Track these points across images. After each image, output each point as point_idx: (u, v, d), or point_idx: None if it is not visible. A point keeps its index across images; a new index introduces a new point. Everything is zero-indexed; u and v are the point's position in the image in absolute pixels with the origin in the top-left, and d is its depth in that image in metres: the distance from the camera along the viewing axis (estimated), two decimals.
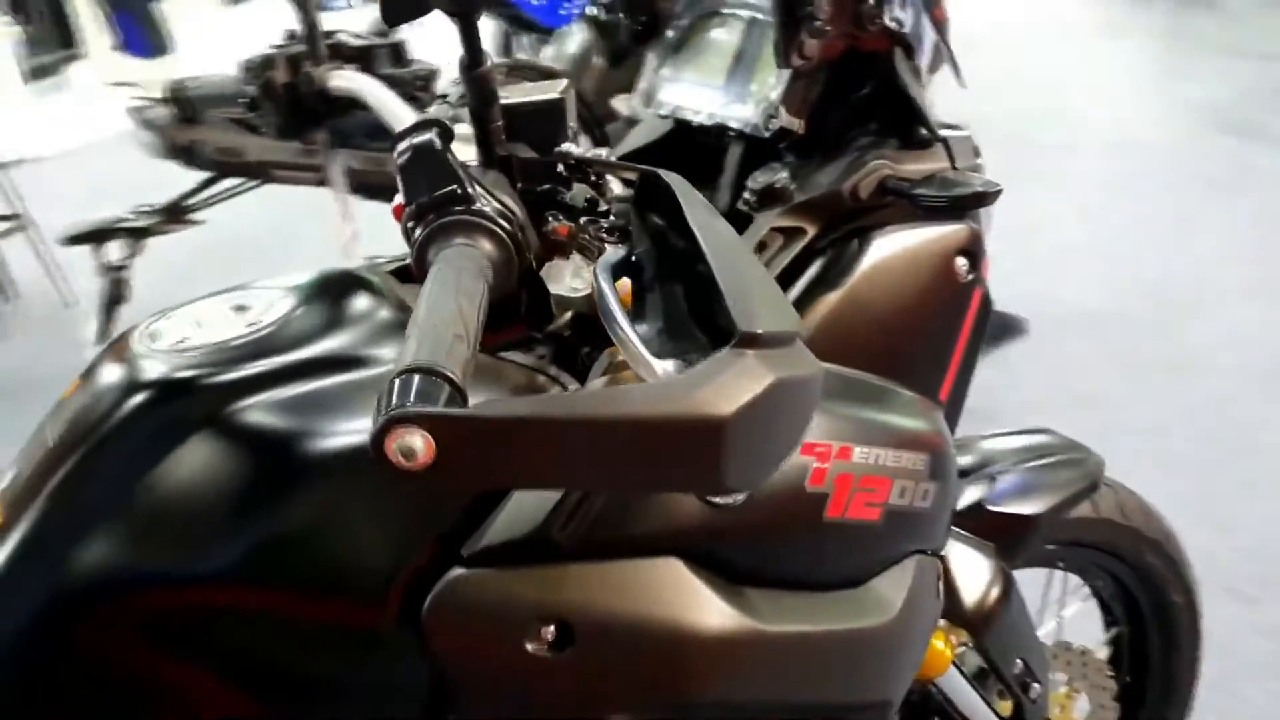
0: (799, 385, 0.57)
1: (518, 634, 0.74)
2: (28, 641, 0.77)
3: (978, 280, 0.96)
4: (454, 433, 0.50)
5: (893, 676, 0.90)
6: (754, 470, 0.57)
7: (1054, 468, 1.28)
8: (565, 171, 0.75)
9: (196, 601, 0.75)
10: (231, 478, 0.75)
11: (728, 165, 1.05)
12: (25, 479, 0.81)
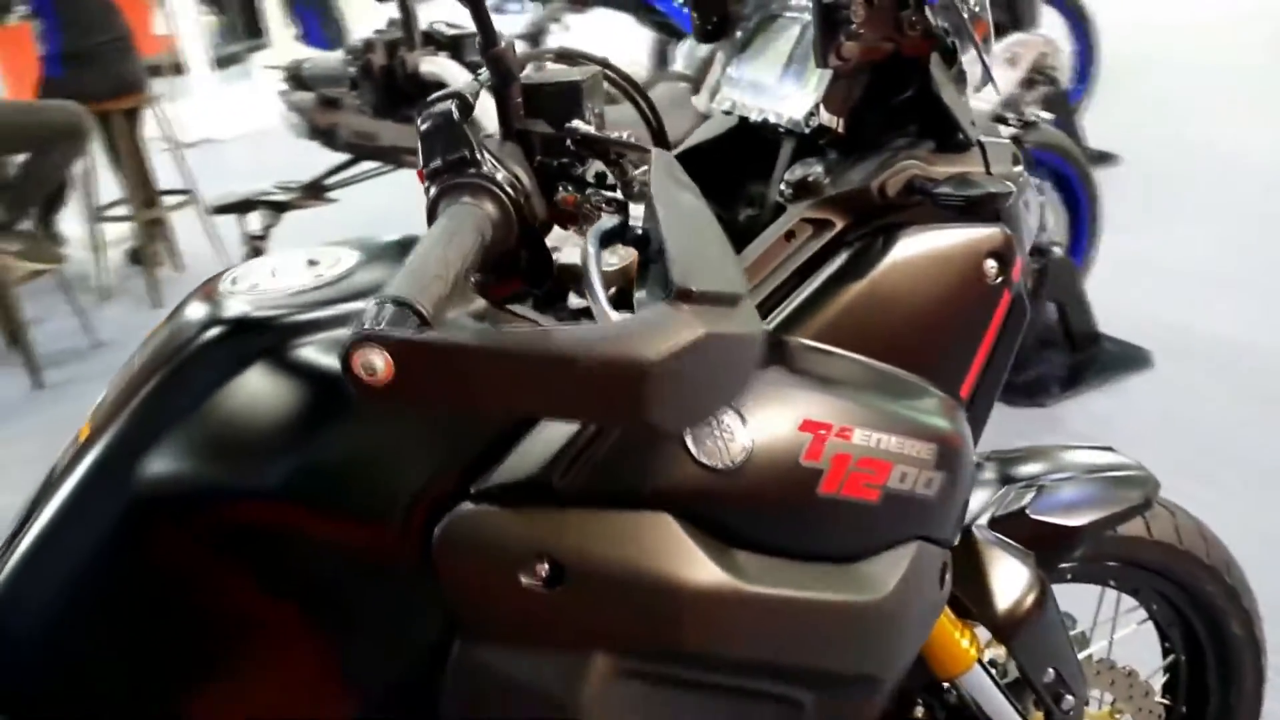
0: (733, 342, 0.62)
1: (514, 568, 0.81)
2: (102, 545, 0.88)
3: (1007, 283, 0.98)
4: (410, 355, 0.57)
5: (882, 654, 0.94)
6: (682, 414, 0.62)
7: (1104, 483, 1.28)
8: (574, 147, 0.82)
9: (246, 515, 0.84)
10: (283, 405, 0.84)
11: (779, 161, 1.10)
12: (111, 400, 0.92)
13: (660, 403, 0.59)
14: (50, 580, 0.90)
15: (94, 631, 0.89)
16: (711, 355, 0.61)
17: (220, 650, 0.88)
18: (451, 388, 0.59)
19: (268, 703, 0.89)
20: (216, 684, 0.89)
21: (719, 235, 0.70)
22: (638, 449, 0.81)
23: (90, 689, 0.90)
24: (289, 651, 0.87)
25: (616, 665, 0.84)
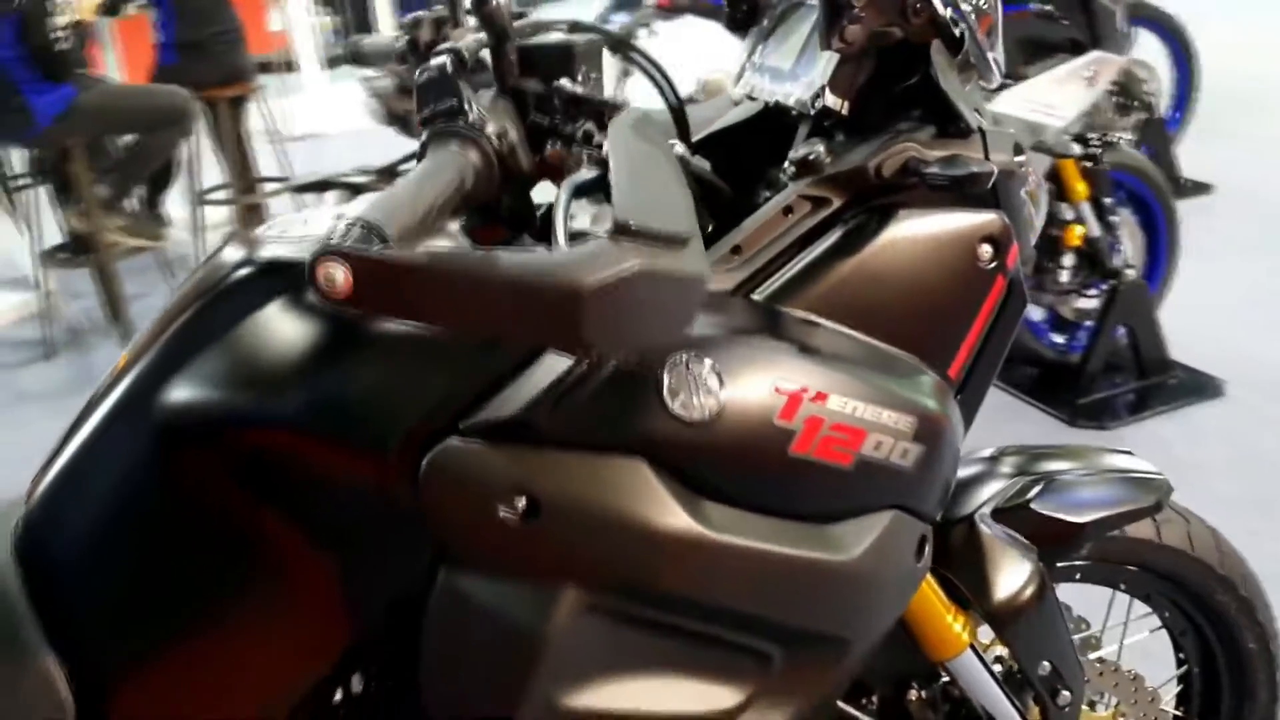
0: (670, 279, 0.66)
1: (493, 501, 0.86)
2: (130, 465, 0.96)
3: (1001, 268, 1.01)
4: (367, 269, 0.63)
5: (850, 616, 0.97)
6: (619, 343, 0.67)
7: (1113, 482, 1.29)
8: (562, 105, 0.87)
9: (259, 441, 0.91)
10: (297, 341, 0.91)
11: (795, 143, 1.14)
12: (147, 333, 1.00)
13: (595, 328, 0.64)
14: (84, 499, 0.98)
15: (122, 547, 0.97)
16: (647, 289, 0.65)
17: (236, 567, 0.94)
18: (404, 302, 0.65)
19: (278, 618, 0.96)
20: (232, 599, 0.95)
21: (676, 183, 0.75)
22: (617, 397, 0.86)
23: (120, 601, 0.97)
24: (296, 571, 0.94)
25: (586, 600, 0.88)
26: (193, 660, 0.97)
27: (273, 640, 0.97)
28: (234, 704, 0.99)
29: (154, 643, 0.97)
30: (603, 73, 0.93)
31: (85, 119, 3.96)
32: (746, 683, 0.96)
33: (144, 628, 0.98)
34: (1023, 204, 1.04)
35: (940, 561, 1.23)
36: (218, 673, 0.98)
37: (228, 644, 0.97)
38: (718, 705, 0.95)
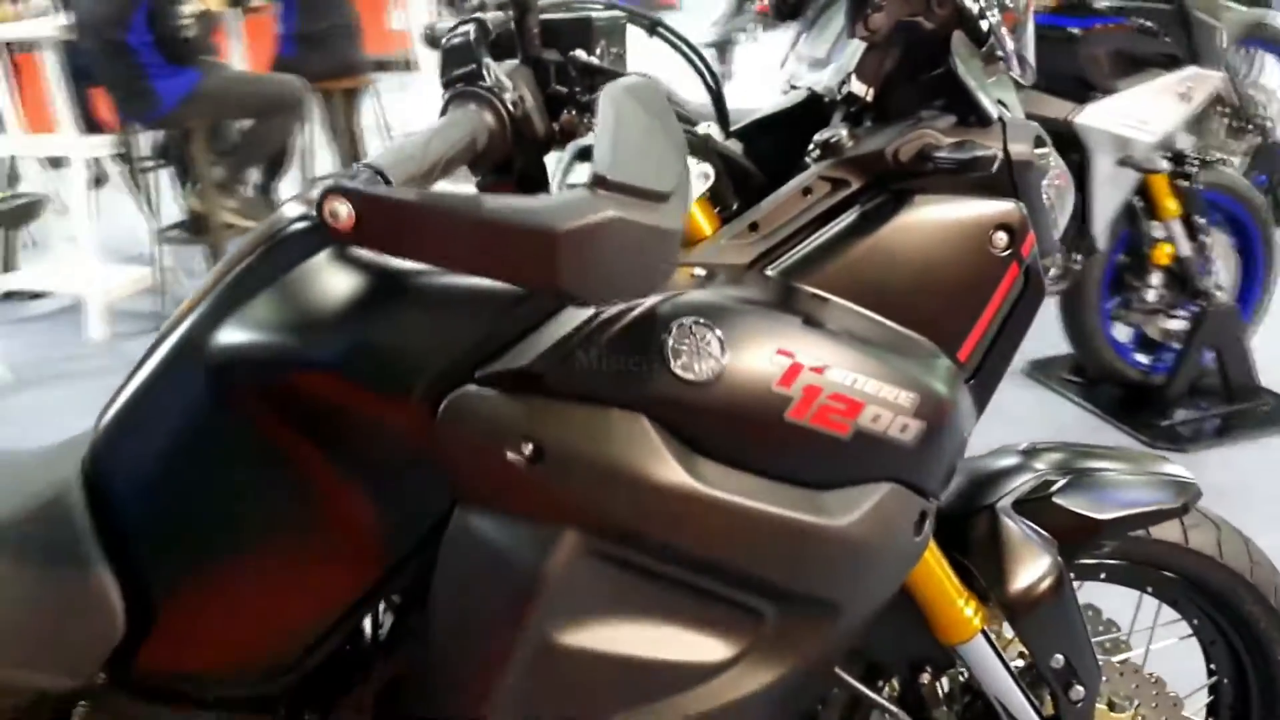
0: (643, 231, 0.71)
1: (501, 444, 0.92)
2: (187, 402, 1.04)
3: (1015, 256, 1.03)
4: (366, 206, 0.70)
5: (841, 581, 1.00)
6: (593, 289, 0.72)
7: (1140, 482, 1.29)
8: (577, 75, 0.93)
9: (298, 382, 0.98)
10: (336, 291, 0.98)
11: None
12: (209, 279, 1.09)
13: (569, 272, 0.70)
14: (142, 430, 1.07)
15: (175, 475, 1.05)
16: (620, 238, 0.70)
17: (277, 497, 1.02)
18: (399, 239, 0.71)
19: (312, 546, 1.03)
20: (272, 526, 1.03)
21: (664, 144, 0.80)
22: (622, 355, 0.91)
23: (170, 524, 1.06)
24: (330, 503, 1.01)
25: (584, 544, 0.94)
26: (233, 581, 1.05)
27: (306, 567, 1.04)
28: (267, 627, 1.07)
29: (199, 563, 1.05)
30: (625, 49, 0.99)
31: (206, 103, 4.17)
32: (739, 638, 1.00)
33: (191, 549, 1.06)
34: (1043, 196, 1.06)
35: (958, 549, 1.25)
36: (255, 594, 1.05)
37: (266, 568, 1.04)
38: (709, 658, 1.00)
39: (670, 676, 0.99)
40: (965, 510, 1.28)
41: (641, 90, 0.84)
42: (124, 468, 1.08)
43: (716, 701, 1.00)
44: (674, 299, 0.92)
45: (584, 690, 0.98)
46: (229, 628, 1.07)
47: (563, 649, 0.96)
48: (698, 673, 1.00)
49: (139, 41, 3.96)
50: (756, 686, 1.01)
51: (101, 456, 1.09)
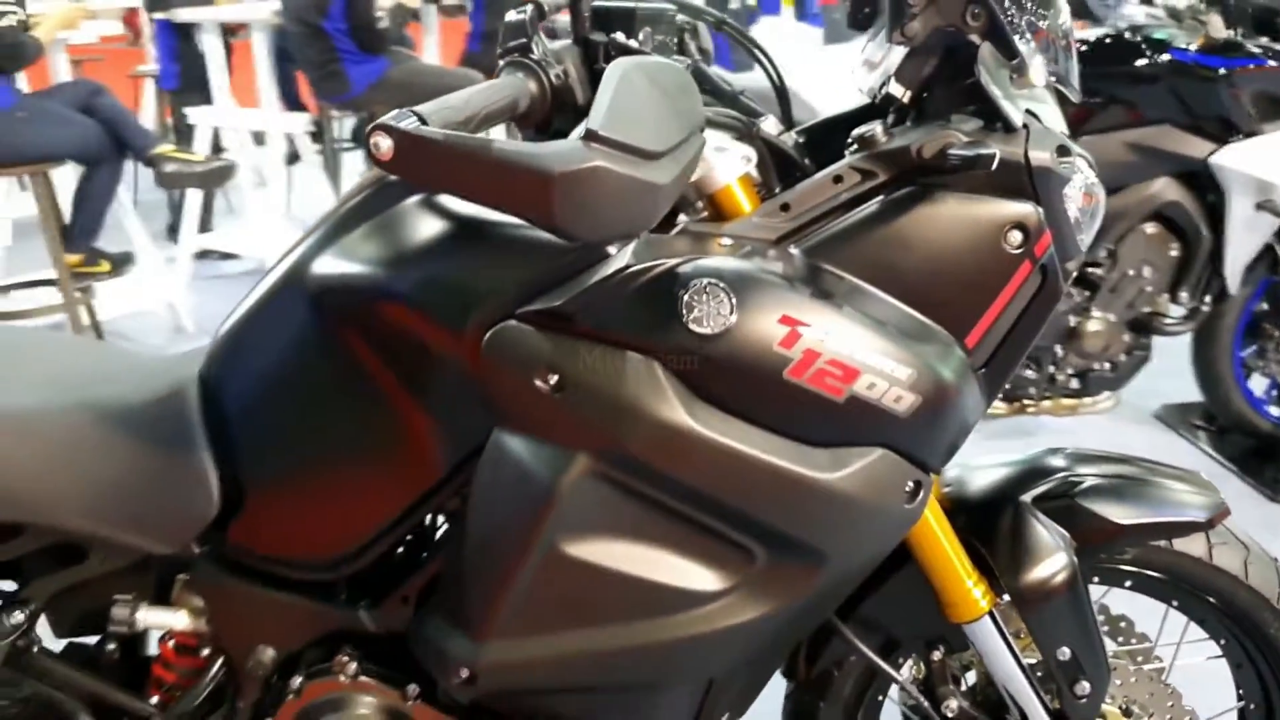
0: (628, 181, 0.84)
1: (530, 373, 1.05)
2: (286, 321, 1.21)
3: (1028, 255, 1.10)
4: (401, 139, 0.84)
5: (826, 532, 1.09)
6: (582, 226, 0.85)
7: (1163, 492, 1.34)
8: (616, 55, 1.05)
9: (379, 308, 1.14)
10: (413, 234, 1.14)
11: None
12: (317, 221, 1.26)
13: (562, 210, 0.83)
14: (249, 342, 1.25)
15: (272, 382, 1.23)
16: (606, 186, 0.83)
17: (354, 409, 1.18)
18: (426, 170, 0.86)
19: (379, 452, 1.19)
20: (348, 433, 1.19)
21: (668, 114, 0.92)
22: (642, 305, 1.03)
23: (266, 424, 1.23)
24: (398, 416, 1.16)
25: (594, 467, 1.06)
26: (312, 476, 1.22)
27: (373, 469, 1.20)
28: (336, 519, 1.23)
29: (285, 459, 1.23)
30: (672, 38, 1.11)
31: (392, 90, 4.48)
32: (729, 573, 1.11)
33: (280, 446, 1.23)
34: (1064, 202, 1.13)
35: (979, 538, 1.32)
36: (329, 489, 1.22)
37: (340, 467, 1.20)
38: (701, 587, 1.11)
39: (663, 598, 1.11)
40: (989, 501, 1.35)
41: (651, 66, 0.96)
42: (232, 373, 1.26)
43: (704, 628, 1.11)
44: (695, 261, 1.04)
45: (583, 600, 1.11)
46: (304, 517, 1.24)
47: (568, 559, 1.09)
48: (689, 599, 1.11)
49: (334, 28, 4.30)
50: (743, 619, 1.12)
51: (215, 363, 1.27)
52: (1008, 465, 1.40)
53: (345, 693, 1.26)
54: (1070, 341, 2.76)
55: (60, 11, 4.35)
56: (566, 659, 1.13)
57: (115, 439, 1.25)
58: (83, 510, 1.24)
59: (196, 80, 5.44)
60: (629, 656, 1.13)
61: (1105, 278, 2.74)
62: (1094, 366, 2.79)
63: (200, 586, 1.32)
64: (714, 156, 1.14)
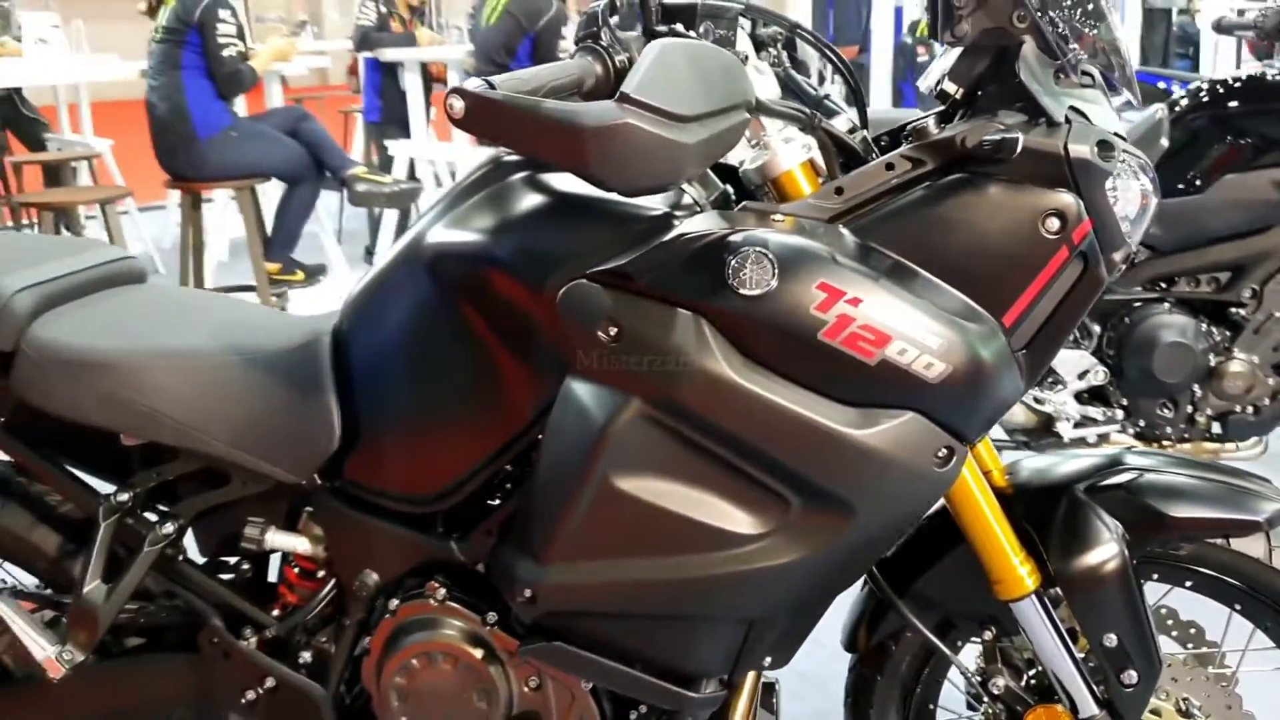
0: (655, 138, 0.97)
1: (594, 326, 1.19)
2: (403, 284, 1.39)
3: (1065, 240, 1.17)
4: (471, 100, 1.00)
5: (855, 485, 1.18)
6: (613, 176, 0.99)
7: (1221, 490, 1.37)
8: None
9: (480, 270, 1.30)
10: (514, 206, 1.30)
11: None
12: (431, 206, 1.43)
13: (595, 161, 0.98)
14: (372, 301, 1.43)
15: (388, 336, 1.40)
16: (634, 141, 0.97)
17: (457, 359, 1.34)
18: (489, 125, 1.02)
19: (475, 399, 1.34)
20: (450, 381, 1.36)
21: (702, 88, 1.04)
22: (694, 268, 1.16)
23: (380, 371, 1.41)
24: (494, 366, 1.32)
25: (645, 411, 1.19)
26: (419, 419, 1.39)
27: (470, 414, 1.35)
28: (438, 457, 1.39)
29: (397, 404, 1.40)
30: (734, 33, 1.25)
31: None
32: (766, 518, 1.21)
33: (393, 393, 1.40)
34: (1107, 194, 1.19)
35: (1032, 523, 1.38)
36: (433, 431, 1.38)
37: (444, 411, 1.37)
38: (740, 529, 1.21)
39: (704, 536, 1.22)
40: (1046, 490, 1.41)
41: (692, 46, 1.09)
42: (358, 329, 1.44)
43: (742, 567, 1.22)
44: (745, 232, 1.16)
45: (631, 531, 1.23)
46: (410, 455, 1.41)
47: (619, 493, 1.21)
48: (728, 539, 1.22)
49: (520, 68, 4.59)
50: (778, 563, 1.21)
51: (345, 320, 1.46)
52: (1069, 458, 1.45)
53: (434, 614, 1.42)
54: (1210, 381, 2.71)
55: (274, 46, 4.81)
56: (616, 586, 1.26)
57: (258, 380, 1.46)
58: (227, 439, 1.44)
59: (396, 114, 5.87)
60: (672, 588, 1.24)
61: (1249, 319, 2.69)
62: (1235, 409, 2.73)
63: (320, 517, 1.50)
64: (778, 144, 1.27)
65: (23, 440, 1.58)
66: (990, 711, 1.47)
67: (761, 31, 1.44)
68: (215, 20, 4.28)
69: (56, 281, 1.59)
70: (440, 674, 1.41)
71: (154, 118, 4.39)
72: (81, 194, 4.86)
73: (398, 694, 1.43)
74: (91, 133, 6.67)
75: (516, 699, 1.41)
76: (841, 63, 1.37)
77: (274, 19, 5.64)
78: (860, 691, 1.57)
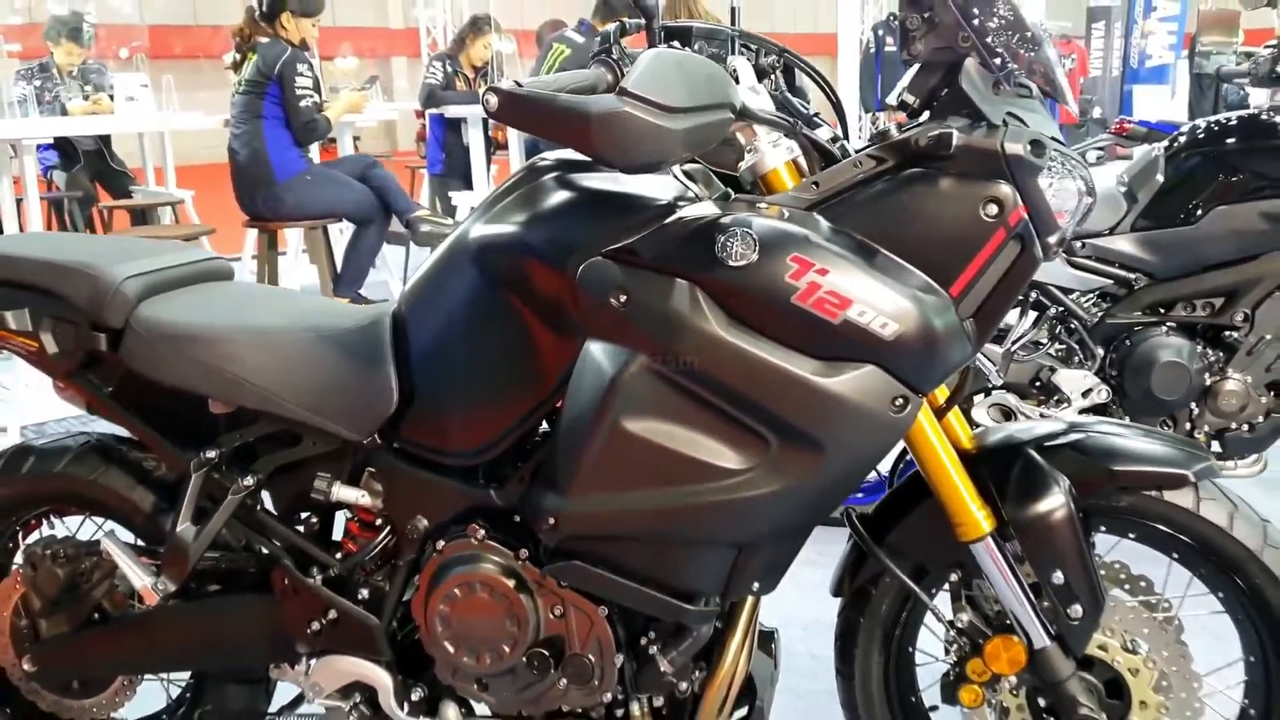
0: (646, 124, 1.23)
1: (607, 295, 1.44)
2: (452, 271, 1.65)
3: (1002, 223, 1.39)
4: (502, 96, 1.27)
5: (823, 425, 1.40)
6: (613, 155, 1.24)
7: (1155, 448, 1.57)
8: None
9: (514, 256, 1.56)
10: (546, 200, 1.56)
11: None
12: (478, 207, 1.70)
13: (600, 143, 1.23)
14: (426, 287, 1.69)
15: (438, 317, 1.66)
16: (630, 126, 1.22)
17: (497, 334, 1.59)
18: (517, 116, 1.28)
19: (511, 369, 1.59)
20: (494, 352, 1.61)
21: (688, 88, 1.29)
22: (689, 244, 1.41)
23: (431, 345, 1.66)
24: (526, 339, 1.57)
25: (649, 365, 1.43)
26: (465, 384, 1.64)
27: (509, 378, 1.60)
28: (481, 416, 1.63)
29: (447, 371, 1.65)
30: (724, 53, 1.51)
31: None
32: (750, 455, 1.44)
33: (442, 361, 1.66)
34: (1038, 185, 1.41)
35: (993, 479, 1.60)
36: (477, 393, 1.63)
37: (486, 377, 1.61)
38: (726, 464, 1.44)
39: (698, 470, 1.45)
40: (1005, 449, 1.62)
41: (681, 56, 1.34)
42: (414, 311, 1.70)
43: (729, 497, 1.45)
44: (733, 215, 1.40)
45: (638, 467, 1.46)
46: (457, 416, 1.66)
47: (626, 434, 1.45)
48: (719, 473, 1.44)
49: None
50: (762, 493, 1.44)
51: (403, 303, 1.72)
52: (1027, 426, 1.66)
53: (474, 551, 1.65)
54: (1206, 400, 2.88)
55: (347, 98, 5.18)
56: (625, 513, 1.49)
57: (327, 353, 1.72)
58: (300, 403, 1.70)
59: (459, 168, 6.22)
60: (672, 515, 1.48)
61: (1242, 341, 2.87)
62: (1231, 426, 2.90)
63: (379, 474, 1.75)
64: (766, 147, 1.52)
65: (127, 408, 1.85)
66: (957, 643, 1.67)
67: (762, 61, 1.70)
68: (294, 74, 4.67)
69: (160, 273, 1.87)
70: (478, 602, 1.64)
71: (235, 163, 4.78)
72: (166, 230, 5.25)
73: (441, 621, 1.66)
74: (174, 185, 7.11)
75: (543, 624, 1.64)
76: (825, 82, 1.62)
77: (345, 88, 6.09)
78: (846, 634, 1.78)
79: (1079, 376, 2.94)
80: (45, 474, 1.92)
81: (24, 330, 1.80)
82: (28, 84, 5.89)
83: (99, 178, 7.06)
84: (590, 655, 1.62)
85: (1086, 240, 2.94)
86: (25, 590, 1.92)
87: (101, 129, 6.26)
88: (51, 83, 6.71)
